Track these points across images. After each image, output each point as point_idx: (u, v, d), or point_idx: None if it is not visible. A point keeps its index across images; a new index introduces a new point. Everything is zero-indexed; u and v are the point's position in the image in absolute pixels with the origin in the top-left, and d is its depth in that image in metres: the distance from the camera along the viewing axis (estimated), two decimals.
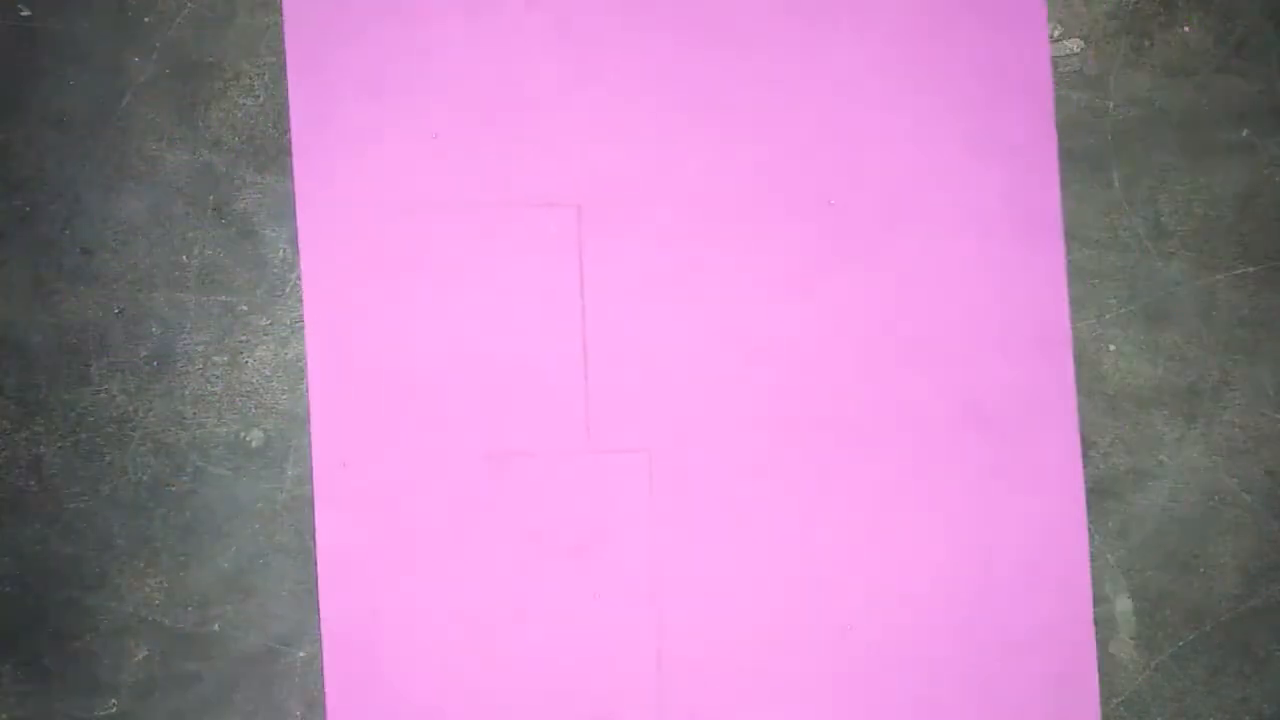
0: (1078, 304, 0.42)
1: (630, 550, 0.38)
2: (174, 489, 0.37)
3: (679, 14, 0.39)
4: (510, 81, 0.38)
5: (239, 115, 0.38)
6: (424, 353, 0.37)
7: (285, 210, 0.39)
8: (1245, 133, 0.43)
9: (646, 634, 0.37)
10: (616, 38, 0.38)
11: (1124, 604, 0.41)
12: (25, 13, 0.37)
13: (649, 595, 0.37)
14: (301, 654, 0.37)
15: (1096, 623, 0.41)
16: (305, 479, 0.38)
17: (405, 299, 0.37)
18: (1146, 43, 0.43)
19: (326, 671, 0.36)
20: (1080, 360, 0.41)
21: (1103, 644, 0.41)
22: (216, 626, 0.37)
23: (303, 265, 0.36)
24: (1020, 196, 0.41)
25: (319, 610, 0.36)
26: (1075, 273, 0.42)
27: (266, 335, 0.37)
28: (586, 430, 0.38)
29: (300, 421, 0.38)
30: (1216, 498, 0.42)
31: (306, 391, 0.36)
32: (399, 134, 0.38)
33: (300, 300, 0.37)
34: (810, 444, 0.39)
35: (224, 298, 0.37)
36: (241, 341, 0.38)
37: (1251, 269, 0.43)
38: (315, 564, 0.38)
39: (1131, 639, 0.42)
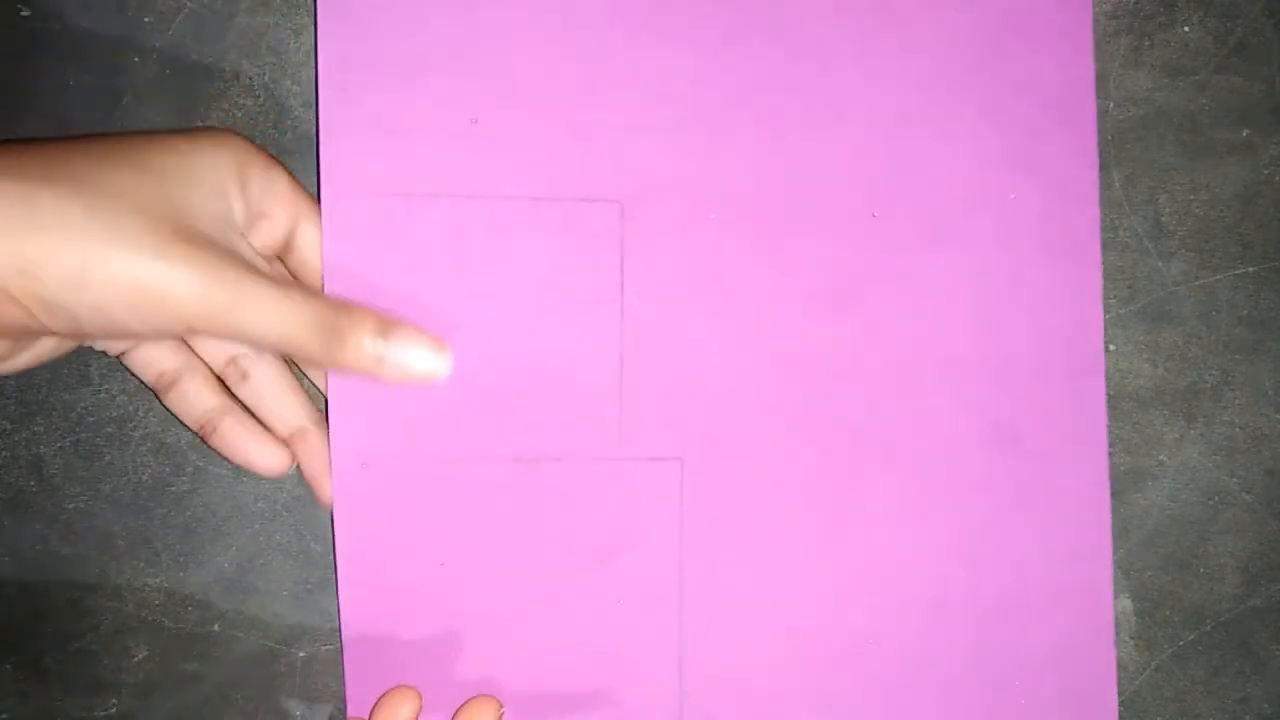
0: None
1: (657, 557, 0.37)
2: (174, 489, 0.37)
3: (732, 13, 0.38)
4: (557, 68, 0.36)
5: (239, 115, 0.38)
6: (451, 350, 0.35)
7: None
8: (1245, 133, 0.43)
9: (669, 642, 0.37)
10: (668, 32, 0.37)
11: (1124, 604, 0.41)
12: (25, 13, 0.37)
13: (674, 603, 0.37)
14: (302, 654, 0.37)
15: None
16: None
17: (432, 292, 0.35)
18: (1146, 43, 0.43)
19: (348, 675, 0.35)
20: None
21: None
22: (216, 626, 0.37)
23: (325, 254, 0.34)
24: (1059, 218, 0.40)
25: (340, 614, 0.35)
26: None
27: None
28: (619, 435, 0.36)
29: None
30: (1216, 498, 0.42)
31: (324, 391, 0.35)
32: (434, 118, 0.35)
33: None
34: (841, 457, 0.38)
35: None
36: None
37: (1251, 269, 0.43)
38: (325, 564, 0.38)
39: (1131, 639, 0.42)
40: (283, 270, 0.35)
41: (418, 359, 0.33)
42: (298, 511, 0.37)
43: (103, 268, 0.28)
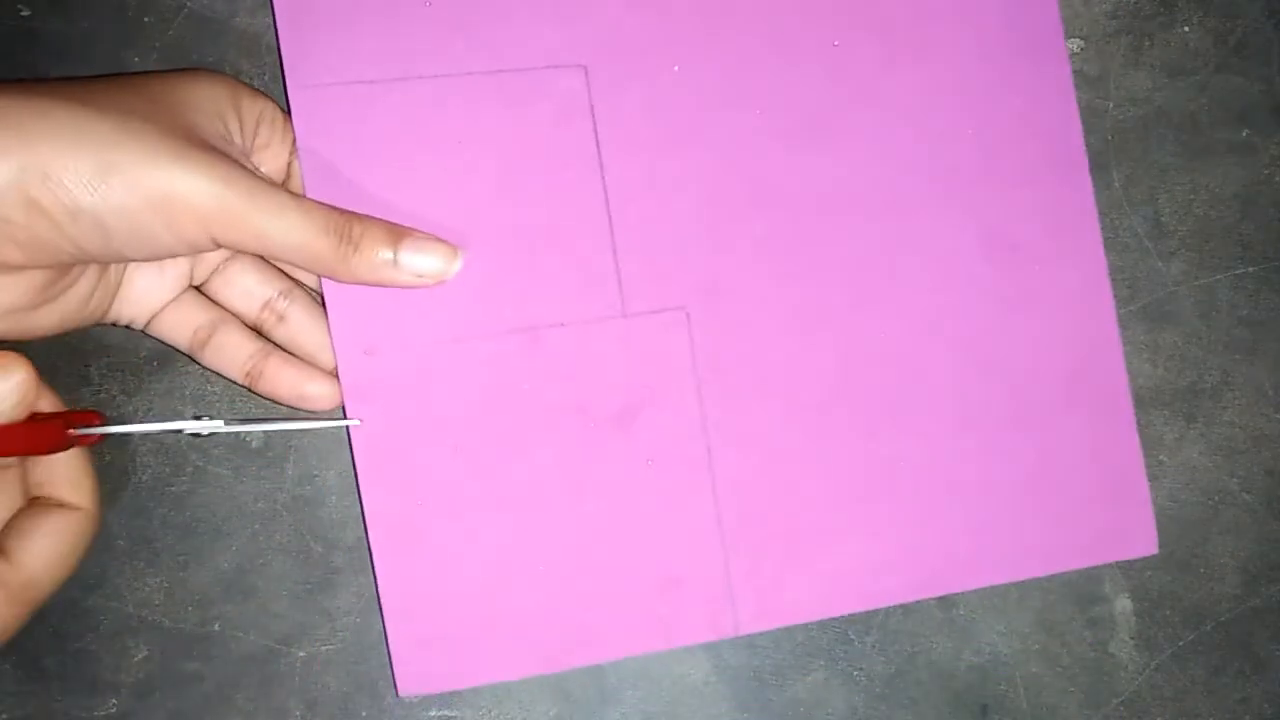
0: None
1: (678, 411, 0.36)
2: (174, 489, 0.37)
3: None
4: None
5: None
6: (436, 231, 0.34)
7: None
8: (1245, 133, 0.43)
9: (703, 491, 0.36)
10: None
11: (1124, 604, 0.41)
12: (25, 13, 0.37)
13: (702, 453, 0.36)
14: (301, 654, 0.37)
15: (1096, 623, 0.41)
16: (305, 479, 0.38)
17: (412, 177, 0.35)
18: (1146, 43, 0.43)
19: (377, 563, 0.34)
20: None
21: (1103, 644, 0.41)
22: (216, 626, 0.37)
23: (300, 149, 0.34)
24: (1019, 18, 0.40)
25: (362, 509, 0.34)
26: None
27: None
28: (620, 293, 0.36)
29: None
30: (1216, 498, 0.42)
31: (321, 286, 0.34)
32: (389, 3, 0.35)
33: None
34: (843, 285, 0.38)
35: None
36: None
37: (1251, 269, 0.43)
38: (325, 564, 0.38)
39: (1131, 639, 0.42)
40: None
41: (429, 263, 0.34)
42: (298, 511, 0.37)
43: (121, 170, 0.28)
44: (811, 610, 0.37)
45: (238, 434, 0.37)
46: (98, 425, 0.32)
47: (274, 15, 0.35)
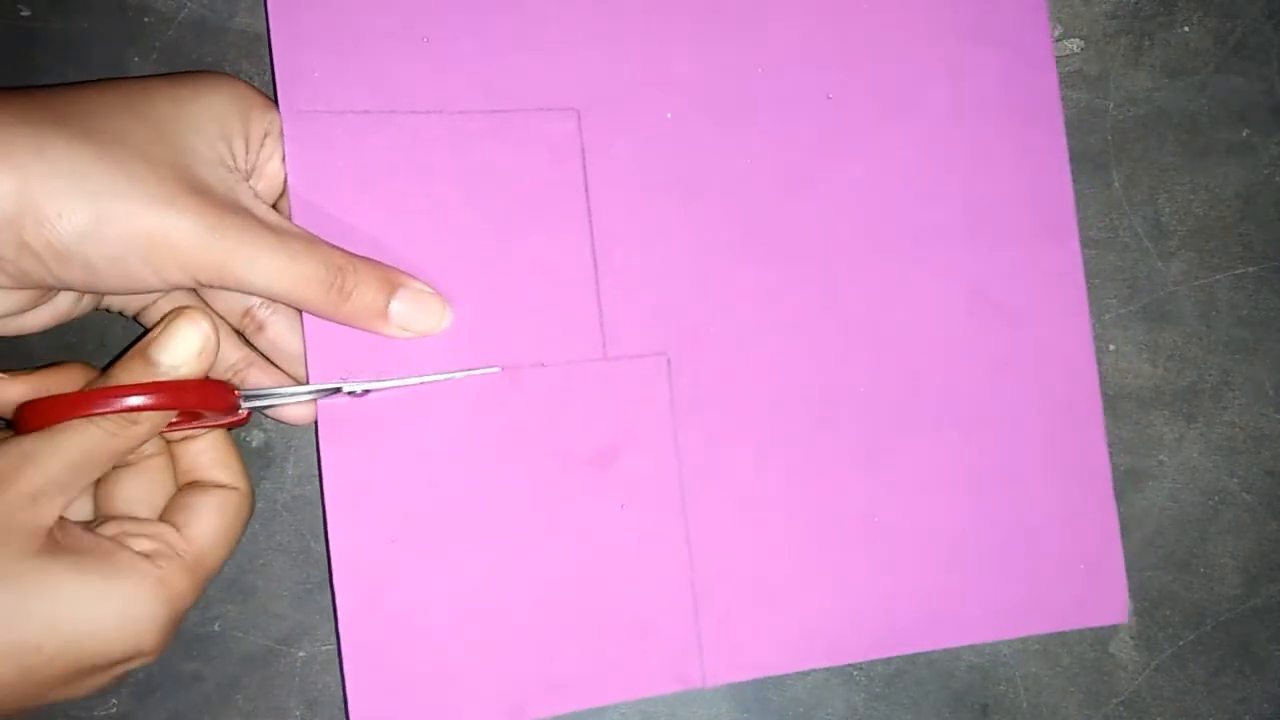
0: None
1: (654, 457, 0.36)
2: None
3: None
4: None
5: None
6: (421, 265, 0.34)
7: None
8: (1245, 133, 0.43)
9: (676, 538, 0.36)
10: None
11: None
12: (25, 13, 0.37)
13: (676, 500, 0.36)
14: (301, 654, 0.37)
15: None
16: (305, 479, 0.38)
17: (398, 208, 0.34)
18: (1146, 43, 0.43)
19: (340, 608, 0.33)
20: None
21: (1103, 644, 0.41)
22: (216, 626, 0.37)
23: (289, 172, 0.33)
24: (1016, 82, 0.40)
25: (329, 543, 0.33)
26: None
27: None
28: (601, 337, 0.36)
29: None
30: (1216, 498, 0.42)
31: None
32: (386, 37, 0.35)
33: None
34: (825, 339, 0.37)
35: None
36: None
37: (1251, 269, 0.43)
38: (325, 564, 0.38)
39: (1131, 639, 0.42)
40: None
41: (421, 318, 0.33)
42: (298, 511, 0.37)
43: (115, 219, 0.28)
44: (779, 664, 0.37)
45: (238, 433, 0.37)
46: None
47: (270, 41, 0.34)
